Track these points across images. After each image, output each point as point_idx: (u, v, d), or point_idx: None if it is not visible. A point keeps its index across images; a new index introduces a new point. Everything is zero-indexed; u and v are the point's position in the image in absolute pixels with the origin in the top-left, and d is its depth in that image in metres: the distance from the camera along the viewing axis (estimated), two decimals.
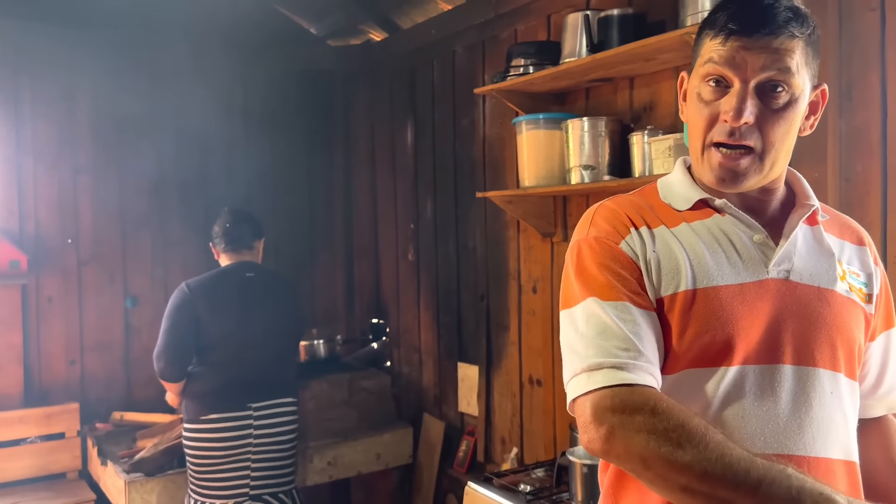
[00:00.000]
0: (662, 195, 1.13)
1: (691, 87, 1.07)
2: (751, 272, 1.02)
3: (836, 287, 1.06)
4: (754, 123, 0.98)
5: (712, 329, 0.99)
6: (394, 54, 3.82)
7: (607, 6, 2.55)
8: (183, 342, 2.74)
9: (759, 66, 0.97)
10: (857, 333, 1.07)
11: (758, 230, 1.06)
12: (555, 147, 2.59)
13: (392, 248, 3.92)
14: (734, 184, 1.03)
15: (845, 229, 1.16)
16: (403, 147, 3.80)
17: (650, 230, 1.06)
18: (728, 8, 1.02)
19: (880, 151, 1.94)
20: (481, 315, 3.28)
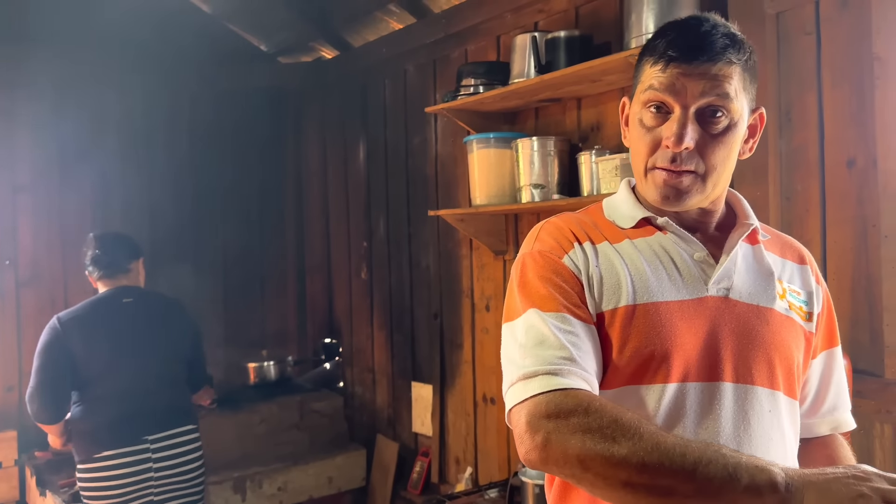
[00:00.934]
0: (607, 213, 1.14)
1: (633, 112, 1.08)
2: (691, 289, 1.04)
3: (774, 305, 1.07)
4: (695, 148, 1.00)
5: (651, 344, 0.99)
6: (345, 72, 3.81)
7: (555, 28, 2.59)
8: (56, 381, 2.52)
9: (699, 92, 0.99)
10: (796, 352, 1.07)
11: (699, 248, 1.07)
12: (505, 166, 2.61)
13: (345, 266, 3.89)
14: (678, 202, 1.04)
15: (787, 248, 1.18)
16: (356, 165, 3.78)
17: (593, 246, 1.07)
18: (667, 35, 1.03)
19: (818, 171, 2.00)
20: (435, 333, 3.27)
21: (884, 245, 1.85)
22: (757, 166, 2.06)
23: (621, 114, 1.15)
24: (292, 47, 4.08)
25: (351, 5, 3.55)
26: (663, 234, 1.08)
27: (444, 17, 3.14)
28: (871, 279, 1.89)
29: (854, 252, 1.93)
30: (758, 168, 2.06)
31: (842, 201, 1.96)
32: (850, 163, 1.93)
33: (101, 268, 2.66)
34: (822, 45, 1.97)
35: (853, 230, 1.93)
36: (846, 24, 1.91)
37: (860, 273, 1.92)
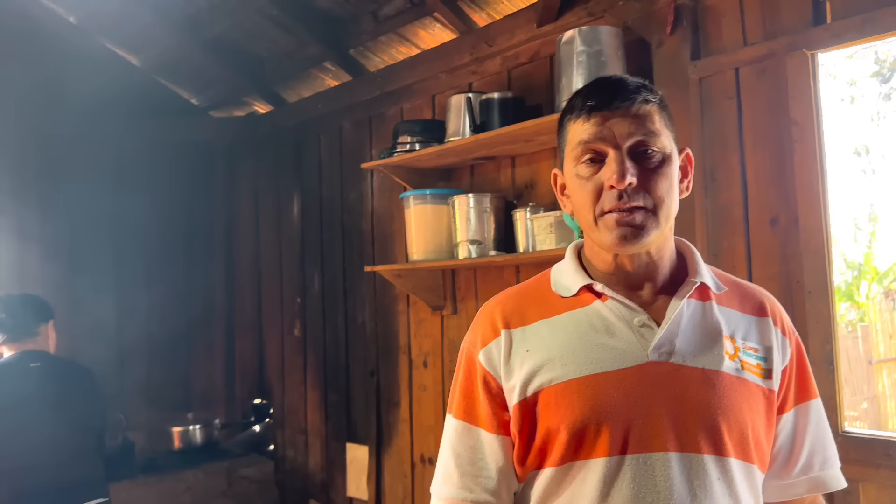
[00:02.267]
0: (553, 283, 1.14)
1: (568, 174, 1.08)
2: (630, 357, 1.02)
3: (722, 367, 1.02)
4: (638, 184, 0.99)
5: (587, 419, 0.99)
6: (279, 127, 3.78)
7: (488, 89, 2.66)
8: None
9: (626, 132, 1.00)
10: (750, 414, 1.02)
11: (638, 313, 1.04)
12: (442, 222, 2.62)
13: (277, 323, 3.79)
14: (636, 240, 1.00)
15: (747, 300, 1.12)
16: (290, 220, 3.72)
17: (524, 328, 1.09)
18: (581, 93, 1.06)
19: (744, 229, 2.08)
20: (371, 392, 3.20)
21: (808, 301, 1.93)
22: (685, 224, 2.12)
23: (555, 185, 1.15)
24: (224, 101, 4.04)
25: (286, 62, 3.56)
26: (603, 300, 1.06)
27: (380, 75, 3.17)
28: (798, 334, 1.96)
29: None
30: (685, 225, 2.12)
31: (767, 258, 2.03)
32: (773, 221, 2.02)
33: (6, 331, 2.53)
34: (742, 109, 2.08)
35: (779, 286, 2.00)
36: (765, 91, 2.02)
37: None
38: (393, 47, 3.17)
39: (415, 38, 3.06)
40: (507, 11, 2.70)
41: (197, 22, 3.45)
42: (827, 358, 1.89)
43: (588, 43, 2.18)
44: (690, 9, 2.15)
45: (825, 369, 1.89)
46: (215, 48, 3.59)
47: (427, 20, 2.92)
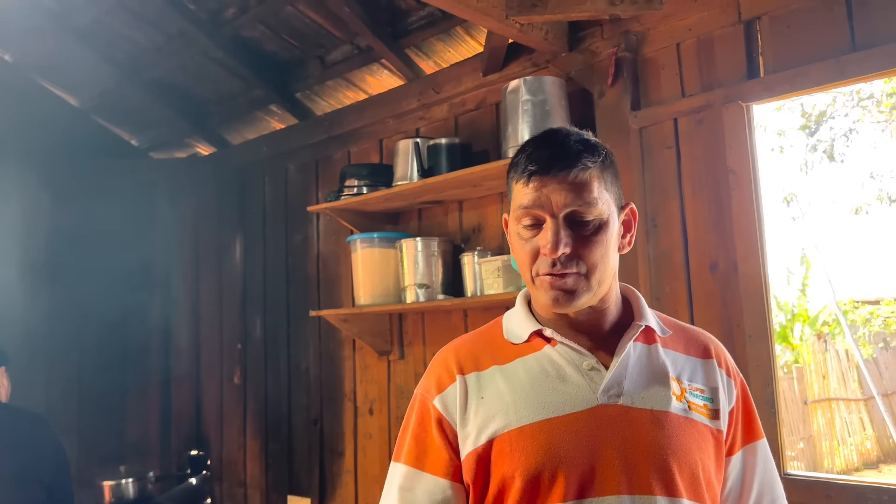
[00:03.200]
0: (505, 331, 1.15)
1: (511, 228, 1.10)
2: (580, 401, 1.03)
3: (670, 408, 1.04)
4: (572, 252, 1.02)
5: (541, 465, 0.99)
6: (222, 169, 3.72)
7: (435, 135, 2.69)
8: None
9: (562, 202, 1.02)
10: (700, 454, 1.04)
11: (587, 357, 1.06)
12: (390, 265, 2.60)
13: (216, 370, 3.66)
14: (568, 302, 1.04)
15: (691, 343, 1.15)
16: (231, 264, 3.64)
17: (479, 374, 1.09)
18: (526, 150, 1.08)
19: (685, 274, 2.13)
20: (314, 441, 3.11)
21: (748, 344, 1.97)
22: (628, 269, 2.16)
23: (506, 229, 1.16)
24: (166, 143, 3.97)
25: (231, 104, 3.52)
26: (552, 345, 1.09)
27: (327, 119, 3.17)
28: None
29: None
30: (629, 271, 2.16)
31: (707, 302, 2.08)
32: (712, 266, 2.08)
33: None
34: (681, 157, 2.15)
35: (720, 330, 2.05)
36: (702, 140, 2.09)
37: None
38: (340, 91, 3.18)
39: (362, 84, 3.08)
40: (453, 60, 2.75)
41: (139, 63, 3.40)
42: (768, 400, 1.93)
43: (533, 92, 2.23)
44: (630, 61, 2.22)
45: (766, 411, 1.93)
46: (157, 89, 3.54)
47: (374, 66, 2.95)
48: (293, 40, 3.05)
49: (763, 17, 2.00)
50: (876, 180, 10.48)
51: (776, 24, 1.98)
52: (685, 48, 2.16)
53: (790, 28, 1.95)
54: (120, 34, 3.23)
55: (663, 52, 2.20)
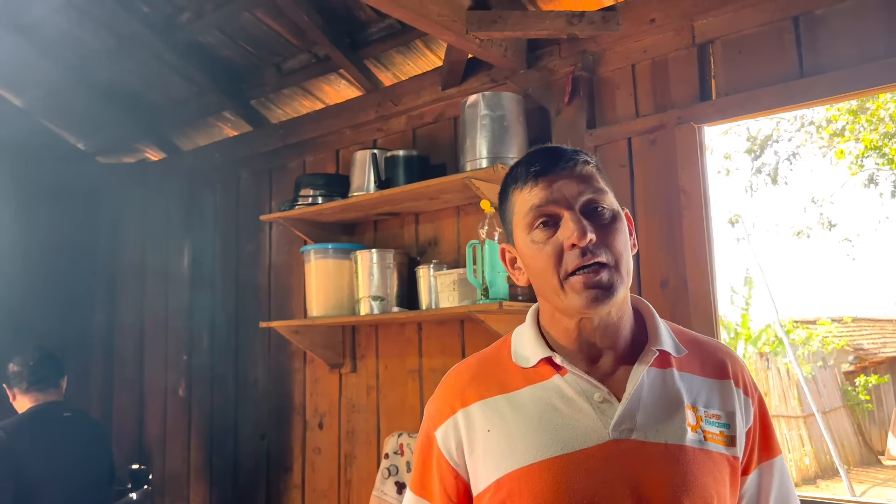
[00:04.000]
0: (513, 353, 1.10)
1: (521, 243, 1.05)
2: (591, 436, 0.98)
3: (685, 441, 0.99)
4: (597, 240, 0.98)
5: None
6: (172, 175, 3.63)
7: (393, 146, 2.68)
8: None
9: (576, 192, 1.00)
10: (716, 485, 0.99)
11: (598, 388, 1.01)
12: (344, 277, 2.57)
13: (160, 383, 3.55)
14: (606, 299, 0.98)
15: (707, 363, 1.09)
16: (179, 272, 3.54)
17: (483, 402, 1.06)
18: (522, 162, 1.06)
19: (637, 290, 2.16)
20: (261, 456, 3.04)
21: None
22: None
23: (504, 260, 1.12)
24: (114, 147, 3.85)
25: (183, 109, 3.45)
26: (562, 374, 1.03)
27: (283, 127, 3.13)
28: None
29: None
30: None
31: None
32: (663, 283, 2.11)
33: (36, 381, 2.61)
34: (635, 176, 2.19)
35: None
36: (655, 160, 2.14)
37: None
38: (296, 100, 3.14)
39: (319, 93, 3.06)
40: (412, 73, 2.75)
41: (89, 64, 3.30)
42: None
43: (491, 107, 2.25)
44: (587, 80, 2.26)
45: None
46: (107, 92, 3.44)
47: (332, 76, 2.93)
48: (250, 47, 3.01)
49: (716, 41, 2.06)
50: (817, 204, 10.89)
51: (728, 49, 2.04)
52: (640, 69, 2.21)
53: (742, 53, 2.01)
54: (69, 34, 3.13)
55: (619, 73, 2.25)
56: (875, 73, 1.77)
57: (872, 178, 9.97)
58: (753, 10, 1.98)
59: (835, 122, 8.16)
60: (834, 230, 10.97)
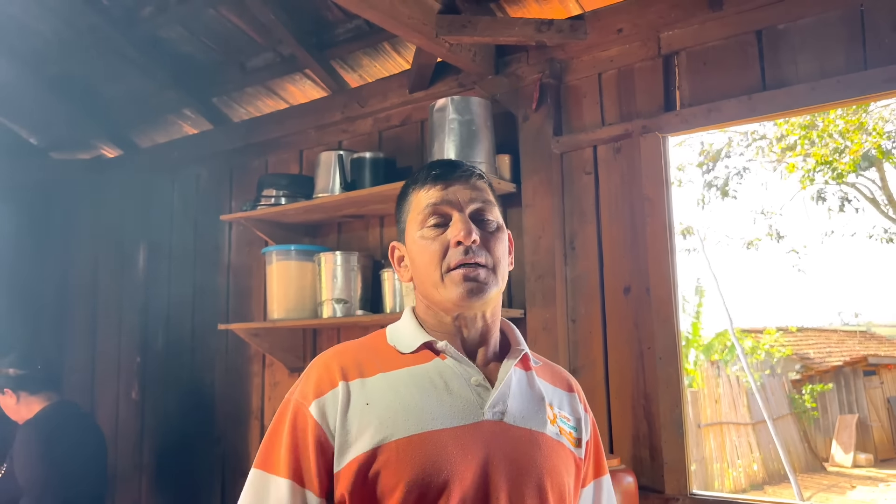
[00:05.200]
0: (389, 339, 1.15)
1: (411, 239, 1.12)
2: (467, 414, 1.05)
3: (546, 430, 1.09)
4: (480, 243, 1.08)
5: (427, 475, 0.99)
6: (128, 172, 3.53)
7: (358, 148, 2.65)
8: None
9: (468, 198, 1.10)
10: (567, 477, 1.09)
11: (475, 372, 1.09)
12: (306, 279, 2.54)
13: (112, 385, 3.45)
14: (480, 294, 1.07)
15: (556, 376, 1.21)
16: (133, 272, 3.45)
17: (364, 380, 1.07)
18: (423, 168, 1.16)
19: (599, 296, 2.19)
20: (216, 460, 2.97)
21: (659, 366, 2.03)
22: (546, 291, 2.20)
23: (392, 258, 1.19)
24: (68, 143, 3.74)
25: (141, 105, 3.36)
26: (442, 358, 1.10)
27: (244, 126, 3.08)
28: (649, 398, 2.06)
29: (633, 372, 2.10)
30: (547, 293, 2.20)
31: (620, 324, 2.14)
32: (626, 290, 2.14)
33: (46, 382, 2.63)
34: (600, 184, 2.21)
35: (631, 351, 2.11)
36: (620, 168, 2.17)
37: (639, 392, 2.08)
38: (260, 99, 3.10)
39: (283, 93, 3.02)
40: (379, 75, 2.73)
41: (43, 56, 3.20)
42: (677, 422, 1.99)
43: (460, 112, 2.24)
44: (554, 87, 2.28)
45: (675, 433, 1.99)
46: (61, 85, 3.34)
47: (297, 76, 2.90)
48: (213, 44, 2.95)
49: (681, 52, 2.10)
50: (766, 217, 11.20)
51: (693, 60, 2.08)
52: (606, 78, 2.24)
53: (706, 65, 2.05)
54: (23, 25, 3.03)
55: (586, 81, 2.27)
56: (834, 88, 1.83)
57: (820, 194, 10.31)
58: (718, 23, 2.03)
59: (788, 137, 8.41)
60: (782, 241, 11.31)
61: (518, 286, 2.25)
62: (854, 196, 10.55)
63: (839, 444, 10.38)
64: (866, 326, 18.63)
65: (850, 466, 10.03)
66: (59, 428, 2.53)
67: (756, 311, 24.09)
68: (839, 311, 30.60)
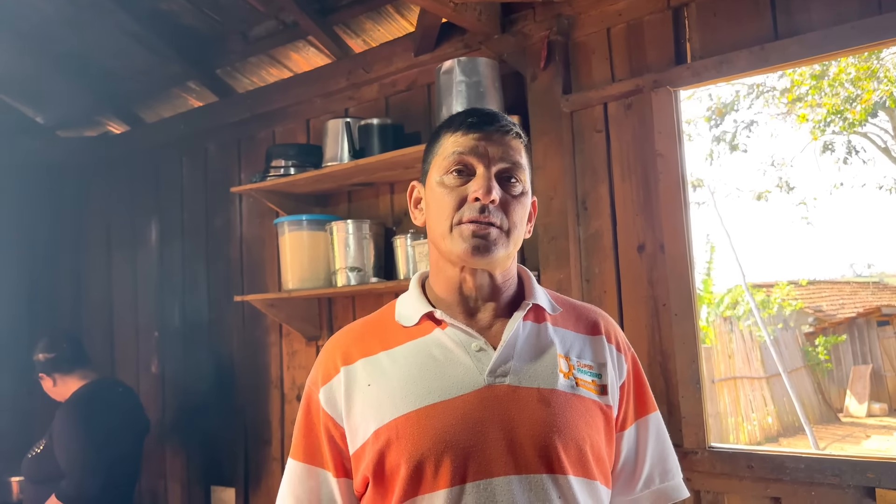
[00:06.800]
0: (397, 314, 1.14)
1: (431, 183, 1.09)
2: (467, 384, 1.02)
3: (557, 385, 1.04)
4: (499, 204, 1.03)
5: (426, 449, 0.98)
6: (136, 148, 3.53)
7: (365, 115, 2.63)
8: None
9: (499, 156, 1.05)
10: (588, 429, 1.04)
11: (475, 338, 1.06)
12: (319, 249, 2.54)
13: (132, 360, 3.50)
14: (487, 253, 1.03)
15: (581, 320, 1.15)
16: (147, 248, 3.47)
17: (366, 360, 1.08)
18: (462, 112, 1.10)
19: (613, 255, 2.18)
20: (238, 430, 3.02)
21: (675, 322, 2.04)
22: (559, 251, 2.19)
23: (410, 198, 1.16)
24: (75, 120, 3.73)
25: (146, 80, 3.34)
26: (442, 328, 1.08)
27: (250, 97, 3.06)
28: (666, 354, 2.06)
29: (649, 329, 2.10)
30: (560, 253, 2.19)
31: (635, 283, 2.13)
32: (640, 247, 2.13)
33: (84, 361, 2.70)
34: (611, 141, 2.19)
35: (647, 309, 2.11)
36: (631, 124, 2.14)
37: (655, 349, 2.09)
38: (263, 69, 3.07)
39: (287, 61, 2.99)
40: (383, 39, 2.70)
41: (46, 35, 3.17)
42: (693, 377, 2.00)
43: (467, 73, 2.22)
44: (562, 45, 2.24)
45: (692, 388, 2.00)
46: (66, 63, 3.32)
47: (300, 43, 2.86)
48: (214, 14, 2.92)
49: (691, 3, 2.06)
50: (776, 168, 11.10)
51: (703, 12, 2.04)
52: (615, 33, 2.20)
53: (716, 16, 2.01)
54: (25, 2, 3.00)
55: (594, 37, 2.23)
56: (849, 35, 1.79)
57: (829, 145, 10.19)
58: None
59: (798, 87, 8.28)
60: (792, 193, 11.22)
61: (531, 248, 2.25)
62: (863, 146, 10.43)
63: (853, 395, 10.43)
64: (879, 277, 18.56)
65: (865, 416, 10.09)
66: (98, 409, 2.56)
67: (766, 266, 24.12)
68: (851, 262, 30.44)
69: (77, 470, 2.39)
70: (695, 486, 1.98)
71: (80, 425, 2.47)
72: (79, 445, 2.44)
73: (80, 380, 2.63)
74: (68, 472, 2.40)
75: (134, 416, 2.73)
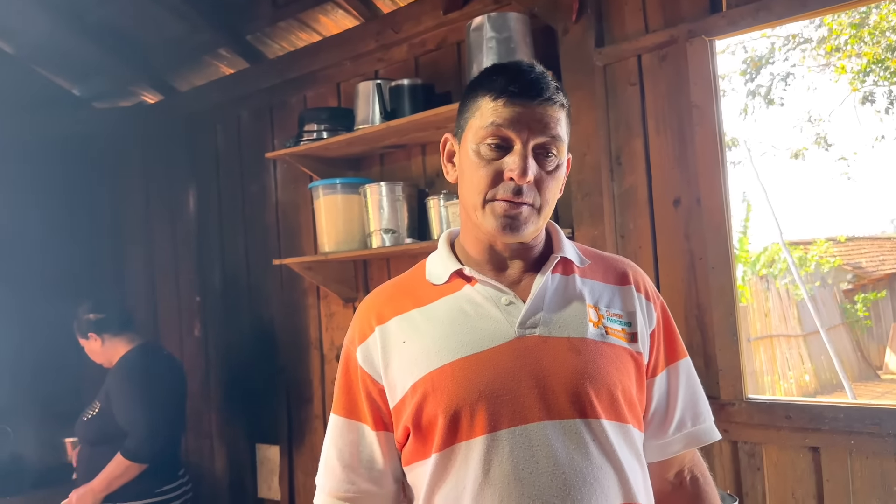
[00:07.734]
0: (427, 273, 1.17)
1: (466, 146, 1.08)
2: (498, 336, 1.05)
3: (587, 334, 1.06)
4: (533, 182, 1.03)
5: (461, 399, 1.02)
6: (170, 118, 3.58)
7: (395, 76, 2.63)
8: None
9: (539, 128, 1.03)
10: (619, 375, 1.06)
11: (505, 292, 1.08)
12: (353, 211, 2.57)
13: (175, 324, 3.59)
14: (516, 232, 1.05)
15: (609, 271, 1.17)
16: (185, 216, 3.53)
17: (399, 318, 1.12)
18: (503, 73, 1.06)
19: (648, 210, 2.17)
20: (280, 389, 3.10)
21: (711, 276, 2.03)
22: (594, 208, 2.19)
23: (443, 150, 1.17)
24: (109, 91, 3.79)
25: (177, 49, 3.37)
26: (472, 284, 1.11)
27: (280, 62, 3.07)
28: (702, 308, 2.06)
29: (685, 283, 2.10)
30: (594, 209, 2.19)
31: (671, 237, 2.12)
32: (676, 202, 2.11)
33: (131, 323, 2.76)
34: (645, 94, 2.16)
35: (683, 263, 2.10)
36: (666, 76, 2.11)
37: (692, 303, 2.08)
38: (293, 33, 3.07)
39: (316, 25, 2.99)
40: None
41: (77, 6, 3.21)
42: (731, 329, 2.00)
43: (497, 29, 2.20)
44: None
45: (729, 340, 2.00)
46: (98, 34, 3.36)
47: (329, 6, 2.86)
48: None
49: None
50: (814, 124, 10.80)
51: None
52: None
53: None
54: None
55: None
56: None
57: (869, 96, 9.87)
58: None
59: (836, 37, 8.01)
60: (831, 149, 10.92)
61: (565, 205, 2.25)
62: None
63: (893, 352, 10.26)
64: None
65: None
66: (153, 372, 2.64)
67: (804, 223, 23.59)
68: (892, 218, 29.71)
69: (141, 429, 2.48)
70: (732, 437, 1.99)
71: (141, 386, 2.56)
72: (142, 405, 2.52)
73: (128, 343, 2.69)
74: (132, 432, 2.49)
75: (179, 379, 2.80)
